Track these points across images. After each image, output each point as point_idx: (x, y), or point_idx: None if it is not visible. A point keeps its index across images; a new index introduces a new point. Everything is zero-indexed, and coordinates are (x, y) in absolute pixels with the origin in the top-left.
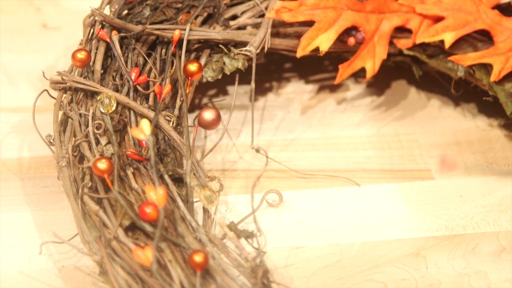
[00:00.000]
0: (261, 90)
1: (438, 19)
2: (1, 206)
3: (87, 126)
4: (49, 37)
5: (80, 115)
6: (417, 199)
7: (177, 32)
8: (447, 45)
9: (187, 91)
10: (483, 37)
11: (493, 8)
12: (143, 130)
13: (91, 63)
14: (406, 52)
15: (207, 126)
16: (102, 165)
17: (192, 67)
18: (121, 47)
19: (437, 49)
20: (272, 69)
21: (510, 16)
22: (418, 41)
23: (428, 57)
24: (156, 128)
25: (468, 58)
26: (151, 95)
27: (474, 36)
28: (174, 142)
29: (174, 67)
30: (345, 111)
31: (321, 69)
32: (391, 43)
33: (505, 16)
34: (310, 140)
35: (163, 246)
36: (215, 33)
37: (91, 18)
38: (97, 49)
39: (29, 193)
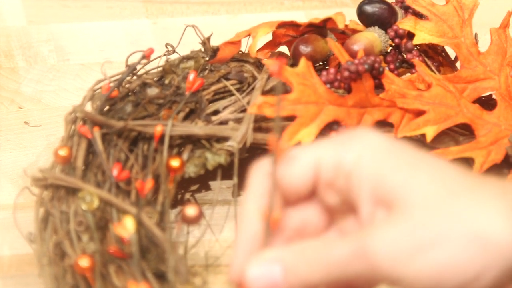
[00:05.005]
0: (244, 185)
1: (419, 113)
2: None
3: (68, 223)
4: (30, 134)
5: (62, 212)
6: None
7: (159, 128)
8: (428, 139)
9: (170, 187)
10: (465, 131)
11: (474, 102)
12: (126, 228)
13: (72, 160)
14: None
15: (190, 222)
16: (84, 263)
17: (175, 162)
18: (103, 143)
19: (419, 142)
20: (254, 164)
21: (491, 110)
22: (399, 135)
23: None
24: (139, 225)
25: (450, 152)
26: (133, 191)
27: (456, 130)
28: (156, 238)
29: (156, 163)
30: None
31: None
32: None
33: (486, 110)
34: None
35: None
36: (197, 128)
37: (72, 114)
38: (78, 146)
39: None
